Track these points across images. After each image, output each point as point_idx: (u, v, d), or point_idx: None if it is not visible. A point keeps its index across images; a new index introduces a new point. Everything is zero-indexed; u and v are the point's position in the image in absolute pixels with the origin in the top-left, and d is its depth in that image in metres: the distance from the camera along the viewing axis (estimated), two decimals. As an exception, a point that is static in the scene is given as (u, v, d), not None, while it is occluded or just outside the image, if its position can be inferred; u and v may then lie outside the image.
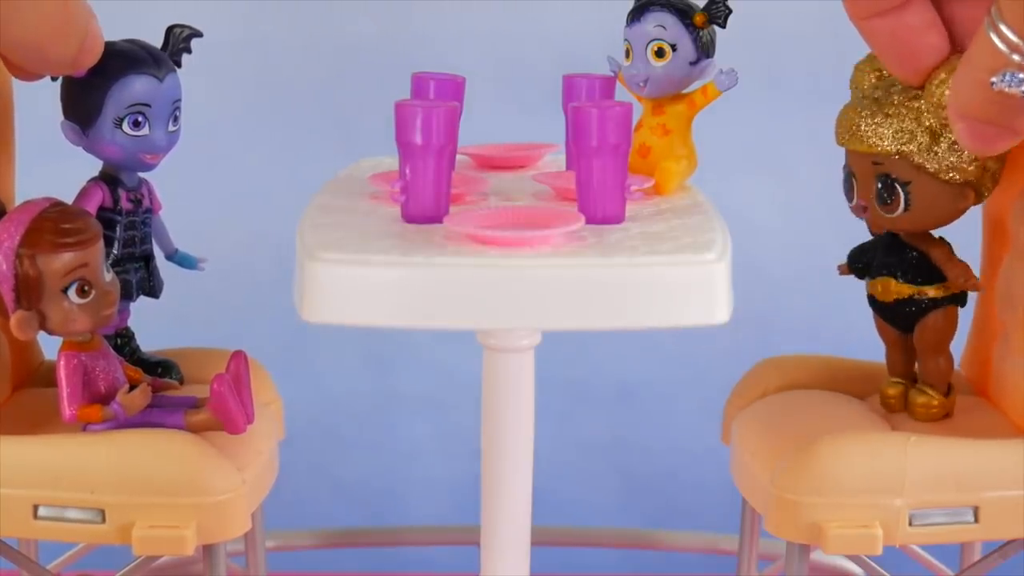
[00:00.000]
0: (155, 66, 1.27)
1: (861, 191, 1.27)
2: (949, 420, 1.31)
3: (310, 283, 1.03)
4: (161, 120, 1.28)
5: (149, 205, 1.33)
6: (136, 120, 1.26)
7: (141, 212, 1.32)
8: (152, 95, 1.27)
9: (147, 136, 1.27)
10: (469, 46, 1.90)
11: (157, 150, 1.28)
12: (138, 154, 1.28)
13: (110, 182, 1.30)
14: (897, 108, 1.23)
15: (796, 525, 1.18)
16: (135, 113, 1.26)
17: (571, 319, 1.03)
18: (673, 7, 1.24)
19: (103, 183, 1.30)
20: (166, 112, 1.28)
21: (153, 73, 1.27)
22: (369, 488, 1.93)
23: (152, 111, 1.27)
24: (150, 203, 1.33)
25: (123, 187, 1.30)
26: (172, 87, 1.29)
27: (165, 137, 1.28)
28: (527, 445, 1.16)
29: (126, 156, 1.28)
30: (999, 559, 1.24)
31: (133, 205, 1.31)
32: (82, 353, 1.19)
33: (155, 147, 1.28)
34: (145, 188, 1.33)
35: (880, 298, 1.30)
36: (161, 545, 1.16)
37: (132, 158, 1.28)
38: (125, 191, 1.30)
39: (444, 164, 1.11)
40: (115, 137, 1.27)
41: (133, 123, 1.26)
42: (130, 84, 1.26)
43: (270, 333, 1.73)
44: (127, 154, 1.28)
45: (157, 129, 1.28)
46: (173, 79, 1.29)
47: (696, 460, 1.88)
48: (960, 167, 1.22)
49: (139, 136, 1.27)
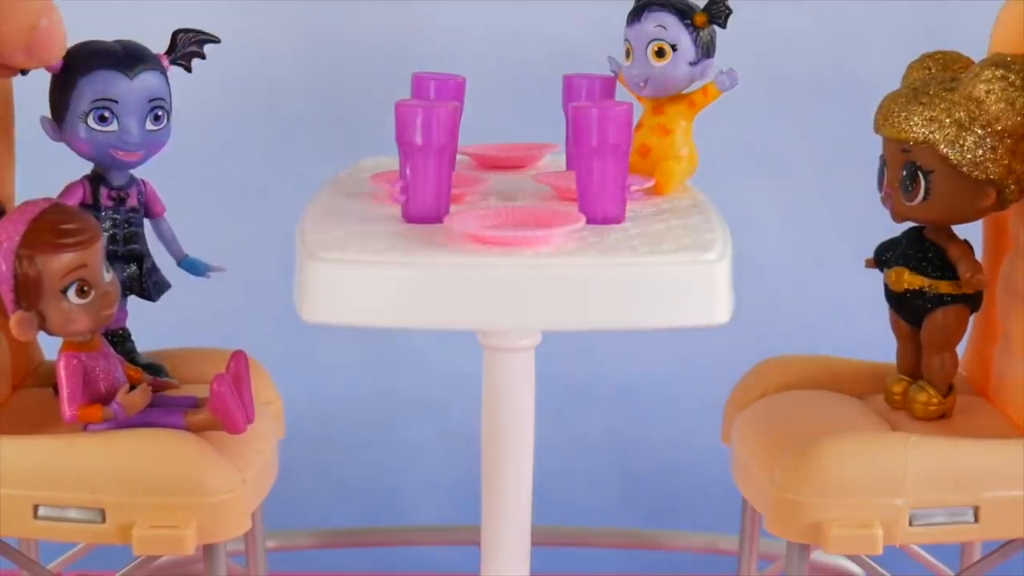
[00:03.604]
0: (126, 63, 1.26)
1: (889, 179, 1.28)
2: (949, 420, 1.31)
3: (310, 283, 1.03)
4: (133, 117, 1.27)
5: (136, 205, 1.32)
6: (102, 115, 1.26)
7: (124, 210, 1.31)
8: (118, 91, 1.26)
9: (115, 132, 1.27)
10: (469, 46, 1.90)
11: (129, 147, 1.28)
12: (108, 150, 1.27)
13: (95, 180, 1.30)
14: (931, 98, 1.24)
15: (796, 525, 1.18)
16: (100, 108, 1.26)
17: (571, 319, 1.03)
18: (673, 7, 1.24)
19: (86, 181, 1.30)
20: (139, 109, 1.27)
21: (121, 70, 1.26)
22: (369, 488, 1.93)
23: (120, 107, 1.26)
24: (139, 203, 1.33)
25: (106, 185, 1.30)
26: (147, 85, 1.27)
27: (140, 134, 1.28)
28: (527, 445, 1.16)
29: (97, 152, 1.28)
30: (999, 559, 1.24)
31: (115, 203, 1.31)
32: (82, 353, 1.19)
33: (126, 144, 1.27)
34: (135, 188, 1.32)
35: (893, 287, 1.30)
36: (161, 545, 1.16)
37: (103, 154, 1.28)
38: (108, 189, 1.30)
39: (444, 164, 1.12)
40: (85, 132, 1.27)
41: (99, 118, 1.26)
42: (95, 79, 1.26)
43: (270, 333, 1.72)
44: (97, 149, 1.27)
45: (128, 125, 1.27)
46: (150, 78, 1.28)
47: (696, 460, 1.88)
48: (983, 164, 1.23)
49: (107, 131, 1.27)
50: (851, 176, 1.57)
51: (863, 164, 1.39)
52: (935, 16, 1.85)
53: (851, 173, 1.56)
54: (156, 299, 1.34)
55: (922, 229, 1.30)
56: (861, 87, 1.66)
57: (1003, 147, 1.23)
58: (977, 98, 1.21)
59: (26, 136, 1.37)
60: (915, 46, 1.35)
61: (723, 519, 1.68)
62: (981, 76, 1.21)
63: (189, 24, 1.33)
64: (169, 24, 1.33)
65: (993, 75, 1.21)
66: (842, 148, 1.82)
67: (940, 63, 1.30)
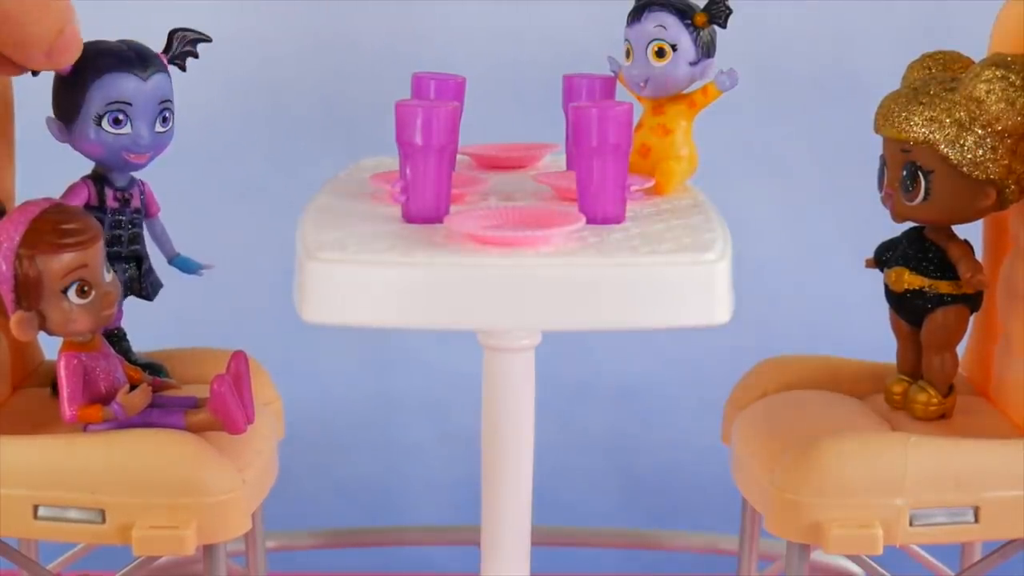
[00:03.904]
0: (139, 65, 1.26)
1: (889, 180, 1.28)
2: (949, 420, 1.31)
3: (310, 283, 1.03)
4: (145, 119, 1.27)
5: (139, 206, 1.32)
6: (116, 118, 1.26)
7: (129, 212, 1.31)
8: (134, 94, 1.26)
9: (129, 135, 1.27)
10: (469, 46, 1.90)
11: (141, 149, 1.27)
12: (121, 152, 1.27)
13: (98, 180, 1.30)
14: (932, 98, 1.24)
15: (796, 525, 1.18)
16: (115, 111, 1.26)
17: (571, 319, 1.03)
18: (673, 7, 1.24)
19: (90, 181, 1.30)
20: (151, 112, 1.27)
21: (136, 72, 1.26)
22: (369, 488, 1.93)
23: (134, 110, 1.26)
24: (140, 204, 1.33)
25: (111, 186, 1.30)
26: (159, 87, 1.27)
27: (150, 137, 1.27)
28: (527, 445, 1.16)
29: (108, 154, 1.27)
30: (999, 559, 1.24)
31: (120, 204, 1.30)
32: (82, 353, 1.19)
33: (138, 146, 1.27)
34: (137, 188, 1.32)
35: (893, 287, 1.30)
36: (161, 545, 1.16)
37: (115, 156, 1.28)
38: (112, 190, 1.30)
39: (444, 164, 1.12)
40: (97, 135, 1.26)
41: (113, 120, 1.26)
42: (111, 82, 1.25)
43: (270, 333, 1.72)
44: (109, 152, 1.27)
45: (140, 128, 1.27)
46: (161, 79, 1.28)
47: (696, 460, 1.88)
48: (983, 164, 1.23)
49: (121, 134, 1.26)
50: (851, 176, 1.57)
51: (863, 164, 1.39)
52: (935, 16, 1.85)
53: (851, 173, 1.56)
54: (153, 298, 1.34)
55: (922, 229, 1.30)
56: (861, 87, 1.66)
57: (1003, 147, 1.23)
58: (977, 98, 1.22)
59: (26, 136, 1.37)
60: (915, 46, 1.35)
61: (723, 519, 1.68)
62: (981, 76, 1.21)
63: (189, 24, 1.33)
64: (169, 23, 1.32)
65: (993, 75, 1.21)
66: (842, 148, 1.82)
67: (940, 63, 1.30)
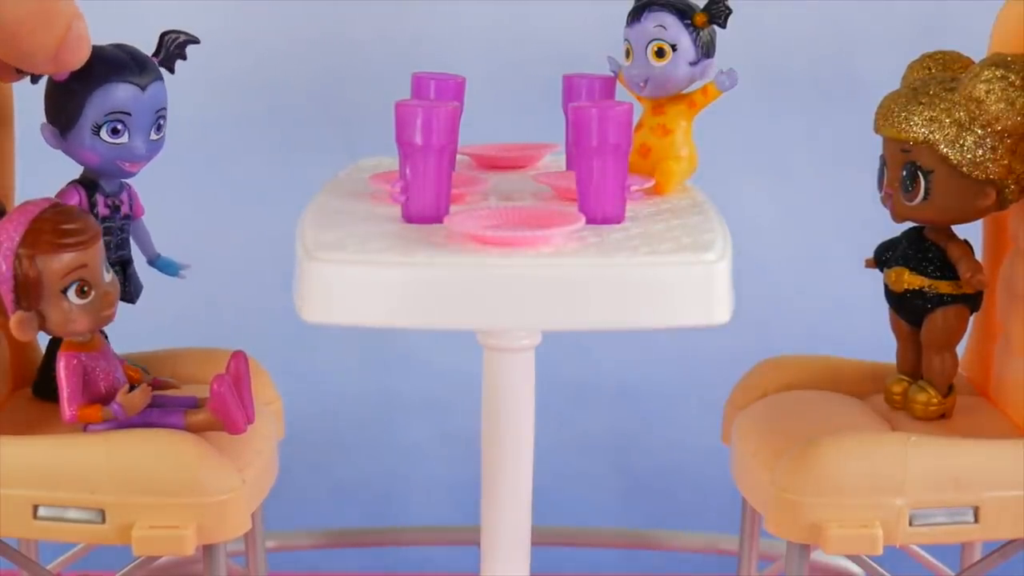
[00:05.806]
0: (139, 74, 1.25)
1: (889, 180, 1.28)
2: (949, 420, 1.31)
3: (310, 283, 1.03)
4: (142, 129, 1.26)
5: (128, 211, 1.31)
6: (115, 128, 1.24)
7: (119, 218, 1.30)
8: (133, 104, 1.24)
9: (126, 144, 1.25)
10: (469, 46, 1.90)
11: (136, 158, 1.26)
12: (116, 161, 1.26)
13: (88, 186, 1.29)
14: (931, 98, 1.24)
15: (796, 525, 1.18)
16: (114, 121, 1.24)
17: (571, 319, 1.03)
18: (673, 7, 1.24)
19: (81, 186, 1.29)
20: (148, 121, 1.26)
21: (136, 81, 1.24)
22: (369, 488, 1.93)
23: (132, 120, 1.25)
24: (130, 209, 1.32)
25: (101, 192, 1.29)
26: (156, 96, 1.26)
27: (146, 145, 1.26)
28: (527, 445, 1.16)
29: (104, 163, 1.26)
30: (999, 559, 1.24)
31: (110, 211, 1.29)
32: (82, 353, 1.19)
33: (134, 155, 1.26)
34: (126, 194, 1.31)
35: (892, 287, 1.30)
36: (161, 545, 1.16)
37: (110, 165, 1.26)
38: (103, 196, 1.29)
39: (444, 164, 1.12)
40: (93, 144, 1.25)
41: (112, 131, 1.24)
42: (111, 91, 1.24)
43: (270, 333, 1.72)
44: (105, 161, 1.26)
45: (137, 138, 1.26)
46: (158, 87, 1.26)
47: (696, 460, 1.88)
48: (983, 164, 1.23)
49: (118, 144, 1.25)
50: (851, 176, 1.57)
51: (863, 164, 1.39)
52: (935, 16, 1.85)
53: (851, 173, 1.56)
54: (136, 301, 1.33)
55: (922, 229, 1.30)
56: (861, 87, 1.66)
57: (1003, 147, 1.23)
58: (977, 98, 1.22)
59: (26, 136, 1.37)
60: (915, 46, 1.35)
61: (723, 519, 1.68)
62: (981, 76, 1.21)
63: (188, 23, 1.33)
64: (165, 24, 1.32)
65: (993, 75, 1.21)
66: (842, 148, 1.82)
67: (940, 63, 1.30)
